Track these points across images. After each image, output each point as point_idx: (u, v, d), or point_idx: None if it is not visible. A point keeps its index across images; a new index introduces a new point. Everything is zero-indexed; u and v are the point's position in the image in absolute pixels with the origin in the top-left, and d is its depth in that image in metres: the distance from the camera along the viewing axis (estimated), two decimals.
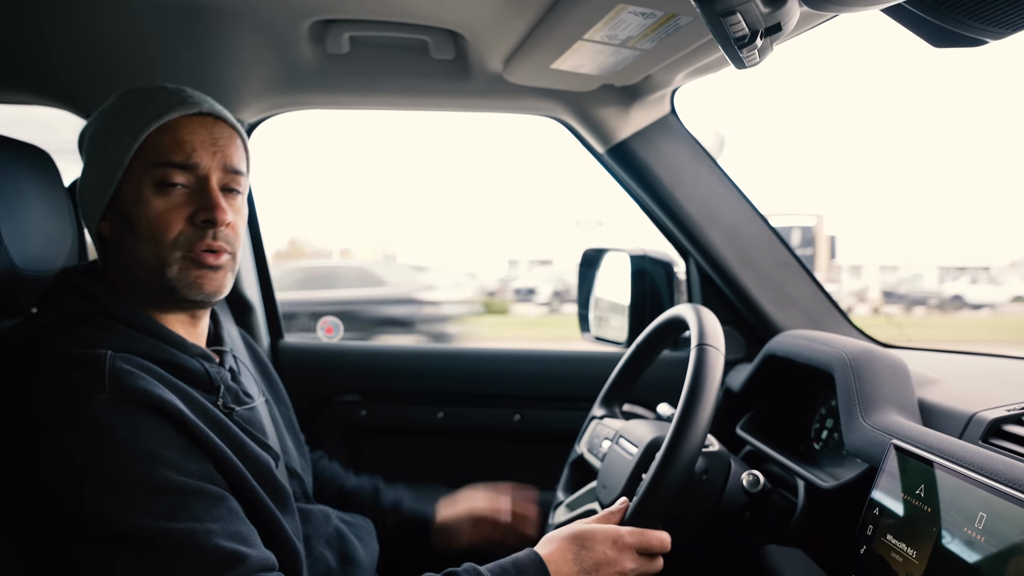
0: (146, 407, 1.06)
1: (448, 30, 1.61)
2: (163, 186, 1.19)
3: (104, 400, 1.03)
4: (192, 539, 1.00)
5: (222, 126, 1.26)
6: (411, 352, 2.26)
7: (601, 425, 1.62)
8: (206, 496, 1.05)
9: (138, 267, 1.20)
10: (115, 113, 1.24)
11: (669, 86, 1.76)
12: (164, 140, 1.20)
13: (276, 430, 1.44)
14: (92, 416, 1.02)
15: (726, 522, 1.33)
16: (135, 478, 1.01)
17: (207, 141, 1.22)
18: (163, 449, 1.05)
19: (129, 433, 1.03)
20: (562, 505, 1.61)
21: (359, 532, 1.51)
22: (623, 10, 1.26)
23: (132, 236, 1.20)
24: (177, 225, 1.18)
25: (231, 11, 1.52)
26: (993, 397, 1.19)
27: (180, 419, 1.09)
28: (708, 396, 1.18)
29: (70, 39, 1.62)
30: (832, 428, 1.54)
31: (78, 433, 1.02)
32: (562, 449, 1.81)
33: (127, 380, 1.06)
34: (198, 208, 1.19)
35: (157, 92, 1.24)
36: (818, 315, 1.96)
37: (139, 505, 1.00)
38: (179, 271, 1.19)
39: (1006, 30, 0.85)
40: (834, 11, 0.82)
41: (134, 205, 1.19)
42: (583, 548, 1.14)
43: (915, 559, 0.94)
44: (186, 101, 1.23)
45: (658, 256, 2.05)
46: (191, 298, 1.21)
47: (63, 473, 1.01)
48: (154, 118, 1.20)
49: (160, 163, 1.19)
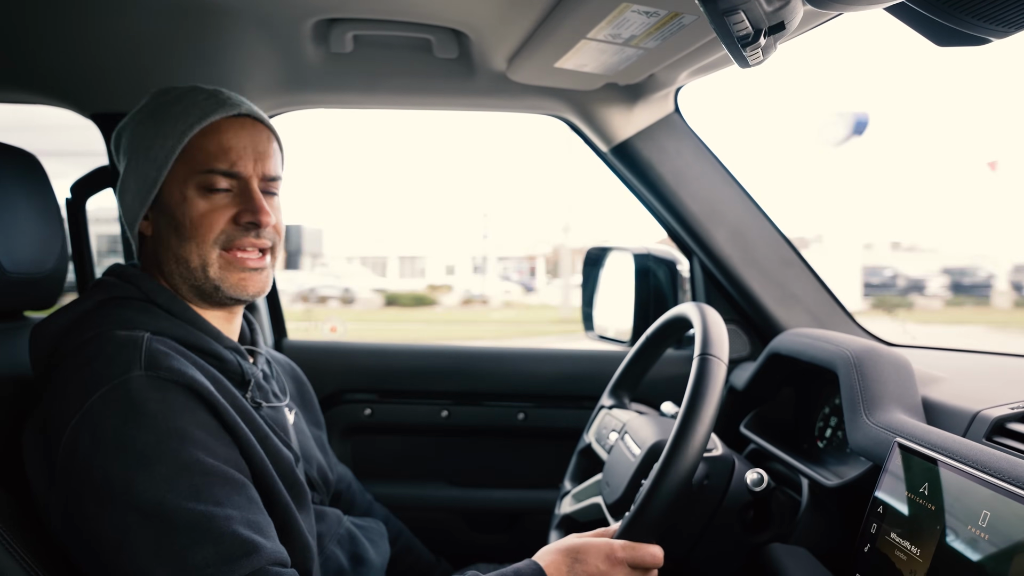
0: (179, 386, 1.10)
1: (452, 29, 1.61)
2: (207, 189, 1.24)
3: (139, 377, 1.08)
4: (211, 523, 1.02)
5: (260, 128, 1.30)
6: (415, 351, 2.26)
7: (609, 416, 1.62)
8: (229, 481, 1.08)
9: (182, 266, 1.25)
10: (155, 115, 1.27)
11: (673, 85, 1.76)
12: (208, 145, 1.24)
13: (301, 439, 1.46)
14: (127, 391, 1.06)
15: (730, 521, 1.33)
16: (163, 454, 1.04)
17: (249, 147, 1.26)
18: (193, 429, 1.08)
19: (161, 409, 1.07)
20: (568, 495, 1.61)
21: (370, 535, 1.52)
22: (626, 9, 1.26)
23: (176, 236, 1.24)
24: (220, 225, 1.24)
25: (235, 10, 1.52)
26: (997, 395, 1.19)
27: (211, 401, 1.12)
28: (707, 411, 1.17)
29: (73, 39, 1.62)
30: (836, 426, 1.54)
31: (112, 406, 1.06)
32: (566, 448, 1.82)
33: (162, 360, 1.11)
34: (242, 210, 1.25)
35: (196, 93, 1.28)
36: (822, 313, 1.96)
37: (164, 481, 1.02)
38: (219, 270, 1.25)
39: (1009, 29, 0.85)
40: (838, 10, 0.82)
41: (178, 206, 1.24)
42: (576, 561, 1.15)
43: (919, 557, 0.94)
44: (226, 103, 1.27)
45: (662, 255, 2.05)
46: (236, 296, 1.27)
47: (94, 444, 1.04)
48: (197, 121, 1.24)
49: (205, 169, 1.24)
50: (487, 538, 2.15)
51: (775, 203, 14.06)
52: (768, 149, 69.34)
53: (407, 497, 2.11)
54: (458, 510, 2.16)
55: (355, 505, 1.71)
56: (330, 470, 1.54)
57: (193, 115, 1.24)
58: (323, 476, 1.48)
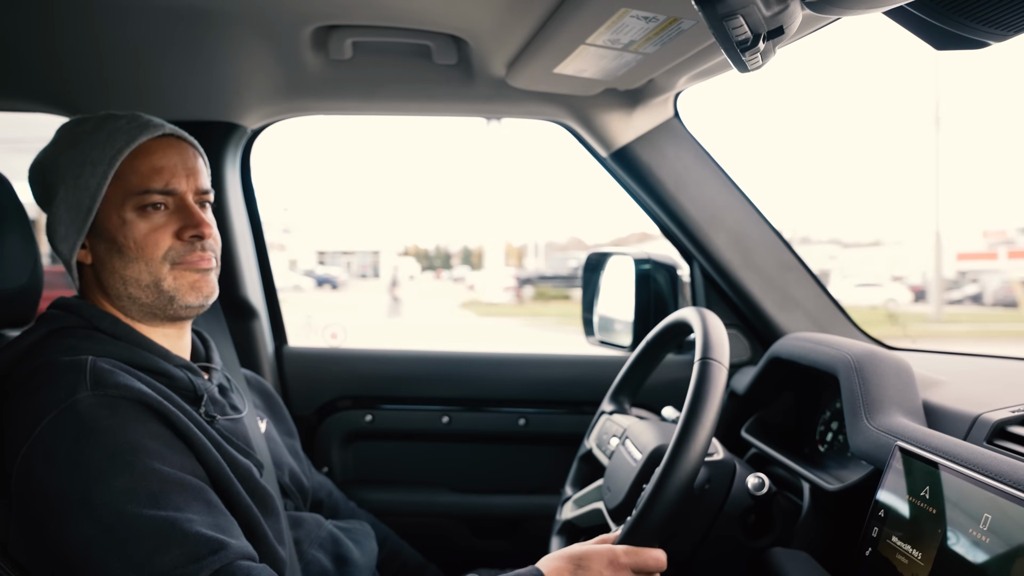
0: (128, 400, 1.11)
1: (451, 35, 1.61)
2: (145, 209, 1.26)
3: (86, 397, 1.09)
4: (173, 526, 1.03)
5: (185, 147, 1.33)
6: (416, 357, 2.26)
7: (610, 421, 1.62)
8: (187, 487, 1.09)
9: (131, 286, 1.27)
10: (77, 144, 1.28)
11: (672, 90, 1.76)
12: (140, 166, 1.26)
13: (272, 447, 1.48)
14: (75, 412, 1.08)
15: (731, 525, 1.33)
16: (118, 467, 1.05)
17: (179, 164, 1.29)
18: (146, 440, 1.09)
19: (112, 424, 1.08)
20: (569, 501, 1.61)
21: (355, 535, 1.53)
22: (625, 14, 1.27)
23: (120, 258, 1.26)
24: (165, 242, 1.26)
25: (233, 17, 1.52)
26: (998, 398, 1.19)
27: (161, 411, 1.14)
28: (708, 415, 1.17)
29: (71, 45, 1.63)
30: (837, 430, 1.54)
31: (62, 429, 1.07)
32: (567, 453, 1.82)
33: (108, 377, 1.12)
34: (183, 225, 1.27)
35: (114, 120, 1.30)
36: (822, 317, 1.96)
37: (121, 493, 1.04)
38: (173, 280, 1.27)
39: (1008, 32, 0.85)
40: (837, 14, 0.82)
41: (119, 230, 1.26)
42: (580, 568, 1.15)
43: (920, 561, 0.94)
44: (148, 125, 1.30)
45: (662, 260, 2.05)
46: (190, 303, 1.29)
47: (47, 466, 1.05)
48: (125, 144, 1.26)
49: (141, 190, 1.25)
50: (488, 544, 2.15)
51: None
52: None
53: (408, 503, 2.11)
54: (459, 516, 2.15)
55: (338, 512, 1.72)
56: (305, 477, 1.56)
57: (120, 139, 1.26)
58: (297, 483, 1.50)
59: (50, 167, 1.31)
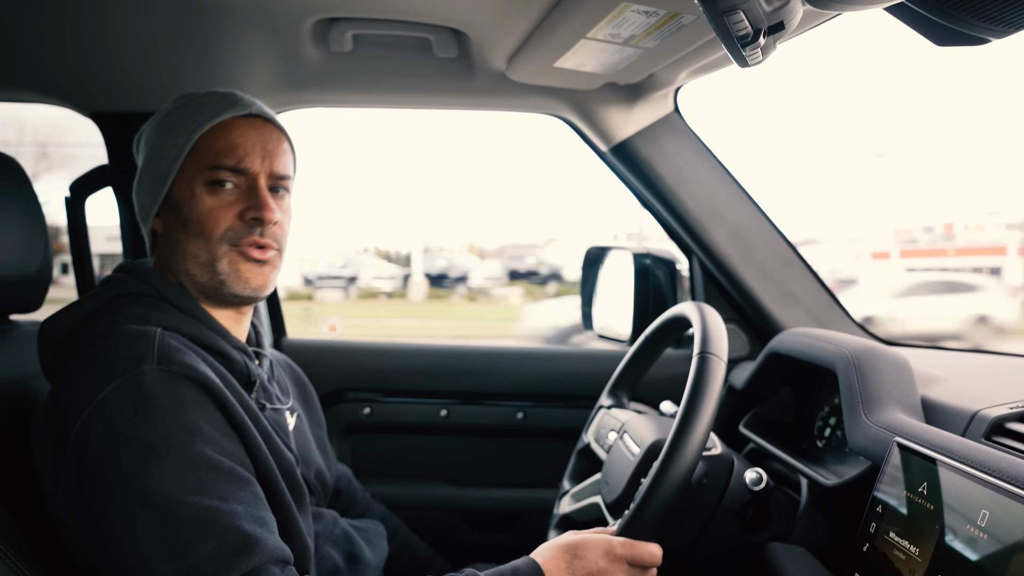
0: (190, 380, 1.12)
1: (451, 28, 1.61)
2: (214, 185, 1.26)
3: (151, 370, 1.09)
4: (216, 517, 1.02)
5: (271, 128, 1.32)
6: (414, 349, 2.26)
7: (608, 415, 1.62)
8: (235, 477, 1.09)
9: (190, 261, 1.27)
10: (170, 116, 1.30)
11: (672, 84, 1.76)
12: (216, 142, 1.27)
13: (301, 442, 1.46)
14: (139, 384, 1.08)
15: (729, 520, 1.33)
16: (172, 447, 1.05)
17: (257, 145, 1.28)
18: (201, 423, 1.09)
19: (172, 402, 1.08)
20: (567, 495, 1.61)
21: (367, 535, 1.53)
22: (626, 8, 1.26)
23: (184, 232, 1.27)
24: (226, 221, 1.26)
25: (234, 9, 1.52)
26: (996, 395, 1.19)
27: (220, 397, 1.14)
28: (706, 408, 1.17)
29: (73, 38, 1.62)
30: (835, 426, 1.54)
31: (124, 399, 1.07)
32: (565, 447, 1.82)
33: (174, 354, 1.13)
34: (248, 206, 1.26)
35: (209, 96, 1.31)
36: (821, 313, 1.96)
37: (171, 474, 1.03)
38: (228, 264, 1.26)
39: (1009, 28, 0.85)
40: (837, 9, 0.82)
41: (187, 203, 1.26)
42: (576, 557, 1.15)
43: (918, 557, 0.94)
44: (237, 103, 1.30)
45: (661, 254, 2.05)
46: (239, 292, 1.28)
47: (106, 435, 1.05)
48: (207, 119, 1.27)
49: (212, 165, 1.26)
50: (486, 537, 2.15)
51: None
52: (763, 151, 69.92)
53: (406, 496, 2.11)
54: (457, 509, 2.16)
55: (354, 502, 1.71)
56: (329, 472, 1.55)
57: (204, 114, 1.27)
58: (321, 479, 1.49)
59: (143, 135, 1.33)
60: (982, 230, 39.06)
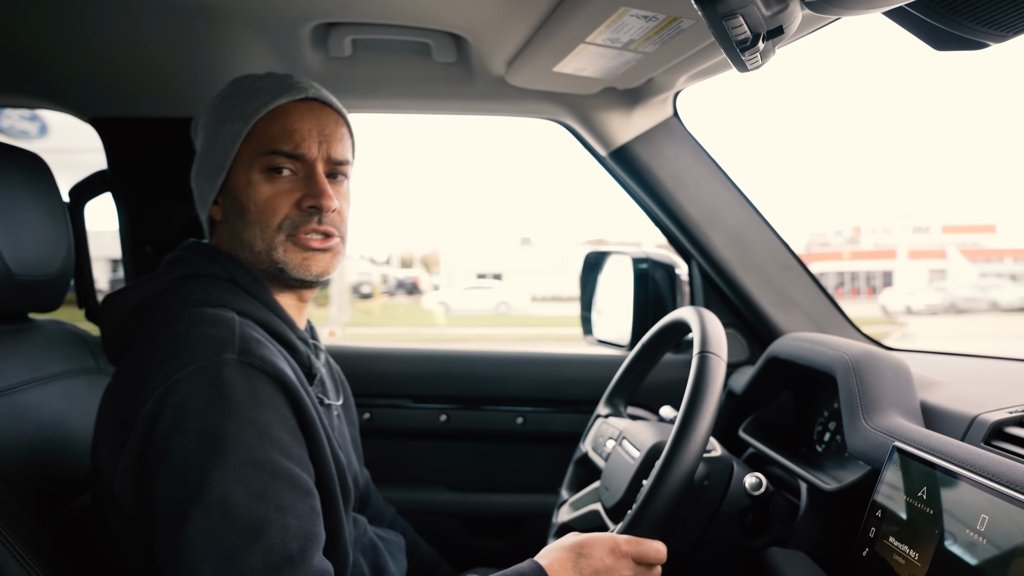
0: (268, 376, 1.08)
1: (450, 33, 1.61)
2: (271, 172, 1.23)
3: (231, 361, 1.06)
4: (267, 528, 0.98)
5: (329, 112, 1.29)
6: (414, 355, 2.26)
7: (606, 424, 1.62)
8: (295, 486, 1.04)
9: (246, 250, 1.24)
10: (226, 101, 1.27)
11: (671, 89, 1.76)
12: (273, 127, 1.23)
13: (343, 442, 1.44)
14: (217, 373, 1.04)
15: (729, 525, 1.33)
16: (240, 445, 1.01)
17: (314, 129, 1.25)
18: (272, 424, 1.05)
19: (247, 398, 1.04)
20: (566, 504, 1.61)
21: (391, 548, 1.52)
22: (625, 13, 1.27)
23: (241, 220, 1.24)
24: (283, 209, 1.23)
25: (233, 14, 1.52)
26: (995, 399, 1.19)
27: (296, 396, 1.10)
28: (708, 406, 1.18)
29: (72, 43, 1.62)
30: (835, 430, 1.54)
31: (200, 386, 1.03)
32: (565, 452, 1.81)
33: (255, 347, 1.09)
34: (305, 194, 1.23)
35: (266, 78, 1.28)
36: (820, 317, 1.96)
37: (235, 474, 0.99)
38: (284, 253, 1.23)
39: (1008, 33, 0.85)
40: (836, 14, 0.82)
41: (244, 190, 1.23)
42: (581, 556, 1.14)
43: (917, 561, 0.94)
44: (293, 87, 1.26)
45: (660, 259, 2.05)
46: (300, 277, 1.24)
47: (176, 420, 1.02)
48: (264, 104, 1.24)
49: (269, 151, 1.23)
50: (486, 543, 2.15)
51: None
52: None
53: (406, 501, 2.11)
54: (457, 515, 2.15)
55: (369, 503, 1.70)
56: (361, 475, 1.53)
57: (260, 99, 1.24)
58: (356, 482, 1.46)
59: (201, 120, 1.30)
60: (889, 233, 39.81)
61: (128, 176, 1.96)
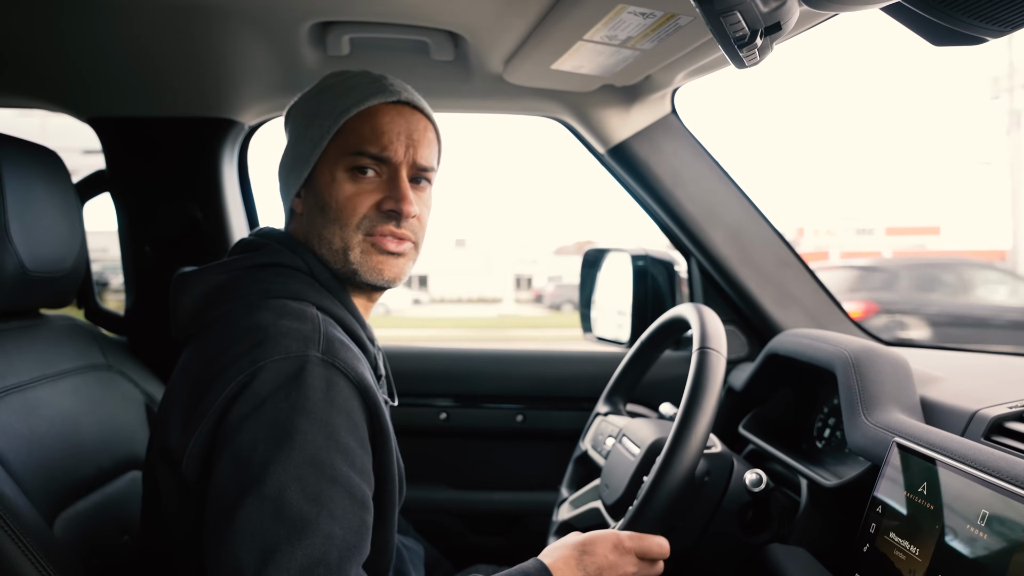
0: (348, 380, 1.07)
1: (448, 31, 1.61)
2: (356, 171, 1.23)
3: (315, 359, 1.05)
4: (314, 532, 0.97)
5: (419, 117, 1.29)
6: (414, 353, 2.26)
7: (605, 422, 1.62)
8: (351, 494, 1.03)
9: (324, 247, 1.24)
10: (318, 96, 1.27)
11: (669, 86, 1.76)
12: (362, 128, 1.23)
13: None
14: (300, 369, 1.04)
15: (729, 521, 1.33)
16: (306, 443, 1.01)
17: (402, 133, 1.25)
18: (342, 429, 1.04)
19: (324, 399, 1.04)
20: (566, 502, 1.61)
21: (413, 557, 1.52)
22: (623, 10, 1.26)
23: (321, 216, 1.24)
24: (363, 209, 1.23)
25: (231, 13, 1.52)
26: (995, 394, 1.19)
27: (372, 402, 1.10)
28: (708, 401, 1.18)
29: (71, 43, 1.62)
30: (834, 426, 1.54)
31: (282, 380, 1.03)
32: (564, 449, 1.81)
33: (338, 348, 1.09)
34: (386, 197, 1.23)
35: (359, 78, 1.28)
36: (820, 314, 1.96)
37: (295, 470, 0.99)
38: (361, 255, 1.23)
39: (1006, 28, 0.85)
40: (834, 10, 0.82)
41: (327, 187, 1.23)
42: (585, 553, 1.14)
43: (918, 557, 0.94)
44: (386, 89, 1.26)
45: (660, 256, 2.05)
46: (371, 282, 1.25)
47: (252, 409, 1.02)
48: (355, 104, 1.24)
49: (356, 151, 1.23)
50: (486, 540, 2.15)
51: None
52: None
53: (406, 499, 2.10)
54: (457, 512, 2.15)
55: None
56: None
57: (352, 98, 1.24)
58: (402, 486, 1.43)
59: (293, 113, 1.31)
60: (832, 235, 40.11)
61: (127, 176, 1.96)
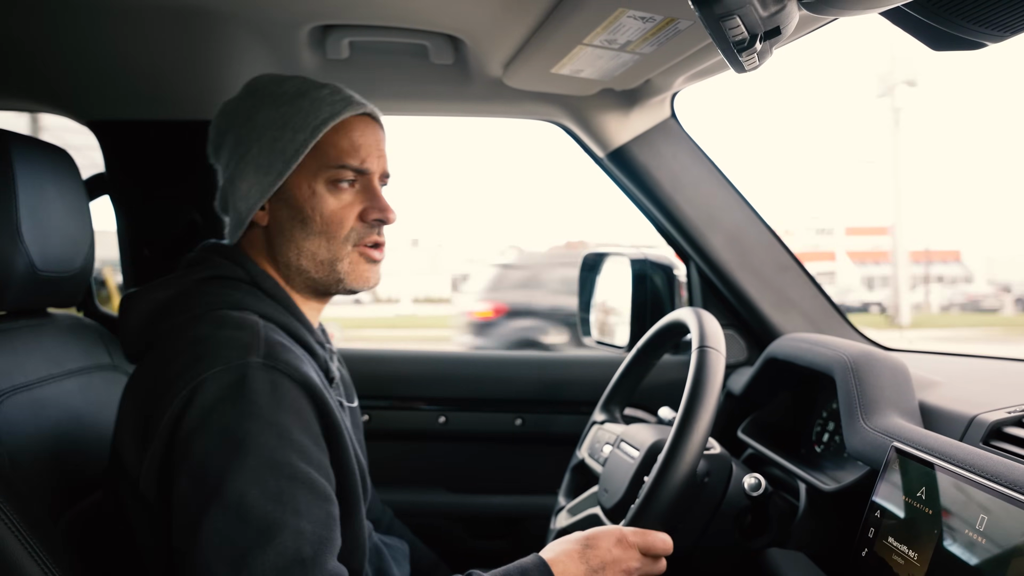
0: (292, 381, 1.09)
1: (448, 35, 1.61)
2: (336, 184, 1.25)
3: (256, 364, 1.07)
4: (281, 531, 0.99)
5: (380, 128, 1.33)
6: (412, 356, 2.26)
7: (602, 430, 1.62)
8: (313, 490, 1.05)
9: (304, 258, 1.26)
10: (282, 107, 1.26)
11: (669, 90, 1.76)
12: (340, 141, 1.26)
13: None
14: (242, 376, 1.05)
15: (728, 525, 1.33)
16: (260, 447, 1.02)
17: (374, 145, 1.29)
18: (294, 428, 1.06)
19: (270, 402, 1.05)
20: (563, 510, 1.60)
21: (395, 554, 1.52)
22: (623, 14, 1.27)
23: (302, 229, 1.25)
24: (350, 222, 1.26)
25: (230, 16, 1.52)
26: (994, 399, 1.19)
27: (320, 400, 1.12)
28: (709, 398, 1.19)
29: (70, 46, 1.62)
30: (833, 431, 1.54)
31: (226, 390, 1.04)
32: (563, 453, 1.81)
33: (280, 352, 1.10)
34: (369, 207, 1.27)
35: (319, 88, 1.28)
36: (818, 318, 1.96)
37: (253, 474, 1.00)
38: (350, 265, 1.27)
39: (1005, 33, 0.85)
40: (833, 14, 0.82)
41: (307, 200, 1.25)
42: (588, 547, 1.14)
43: (916, 561, 0.94)
44: (351, 101, 1.28)
45: (659, 260, 2.05)
46: (355, 289, 1.29)
47: (200, 421, 1.03)
48: (330, 117, 1.25)
49: (337, 165, 1.25)
50: (485, 544, 2.15)
51: None
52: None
53: (405, 503, 2.11)
54: (456, 516, 2.15)
55: (370, 509, 1.70)
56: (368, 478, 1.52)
57: (324, 110, 1.25)
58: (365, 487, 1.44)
59: (244, 122, 1.28)
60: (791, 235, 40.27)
61: (126, 179, 1.96)
